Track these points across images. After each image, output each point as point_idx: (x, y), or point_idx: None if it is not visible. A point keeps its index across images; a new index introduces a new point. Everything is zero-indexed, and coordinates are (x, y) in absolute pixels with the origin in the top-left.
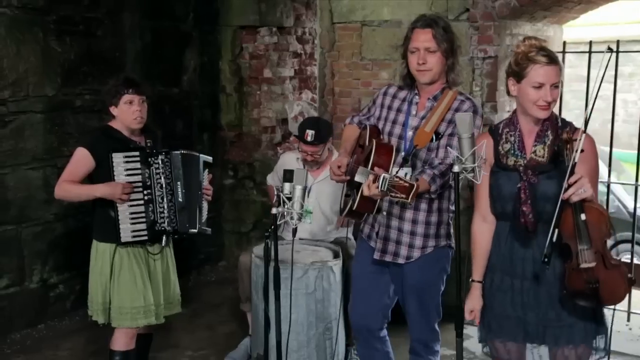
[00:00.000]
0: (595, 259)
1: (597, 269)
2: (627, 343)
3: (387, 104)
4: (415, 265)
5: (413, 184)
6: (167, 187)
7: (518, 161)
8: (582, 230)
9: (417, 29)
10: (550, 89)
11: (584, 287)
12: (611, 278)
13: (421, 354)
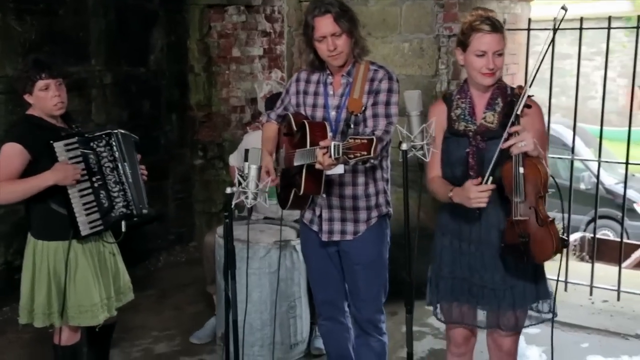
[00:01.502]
0: (528, 214)
1: (529, 224)
2: (589, 317)
3: (302, 90)
4: (363, 239)
5: (372, 138)
6: (115, 170)
7: (468, 126)
8: (519, 183)
9: (317, 17)
10: (493, 56)
11: (517, 240)
12: (541, 234)
13: (370, 334)
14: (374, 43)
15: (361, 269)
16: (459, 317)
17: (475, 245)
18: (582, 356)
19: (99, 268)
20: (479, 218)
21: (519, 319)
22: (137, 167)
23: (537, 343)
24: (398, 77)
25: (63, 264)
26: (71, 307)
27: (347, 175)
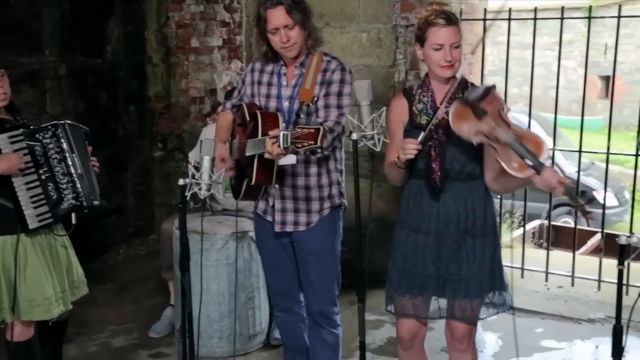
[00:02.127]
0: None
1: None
2: (544, 302)
3: (257, 80)
4: (316, 230)
5: (319, 127)
6: (63, 161)
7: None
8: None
9: (270, 9)
10: (451, 48)
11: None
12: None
13: (323, 326)
14: (333, 33)
15: (313, 260)
16: (411, 309)
17: (433, 237)
18: (536, 341)
19: (51, 262)
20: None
21: (474, 310)
22: (88, 159)
23: (493, 329)
24: (356, 67)
25: (12, 258)
26: (23, 302)
27: (299, 166)
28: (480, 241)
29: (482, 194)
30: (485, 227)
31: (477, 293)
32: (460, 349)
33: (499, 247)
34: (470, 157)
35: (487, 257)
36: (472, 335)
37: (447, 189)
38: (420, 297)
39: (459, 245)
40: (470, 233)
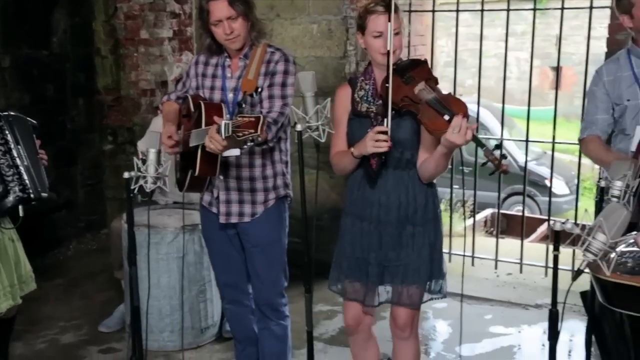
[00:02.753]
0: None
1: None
2: (494, 289)
3: (201, 72)
4: (261, 221)
5: (259, 116)
6: (8, 153)
7: (370, 107)
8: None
9: (212, 1)
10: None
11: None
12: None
13: (270, 317)
14: (283, 25)
15: (259, 251)
16: (356, 295)
17: (375, 225)
18: (485, 327)
19: None
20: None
21: (412, 296)
22: (35, 151)
23: (443, 317)
24: (307, 58)
25: None
26: None
27: (244, 157)
28: (421, 229)
29: (424, 183)
30: (426, 216)
31: (415, 280)
32: (402, 336)
33: (440, 235)
34: (409, 144)
35: (426, 245)
36: (414, 322)
37: (389, 177)
38: (364, 283)
39: (400, 233)
40: (411, 221)
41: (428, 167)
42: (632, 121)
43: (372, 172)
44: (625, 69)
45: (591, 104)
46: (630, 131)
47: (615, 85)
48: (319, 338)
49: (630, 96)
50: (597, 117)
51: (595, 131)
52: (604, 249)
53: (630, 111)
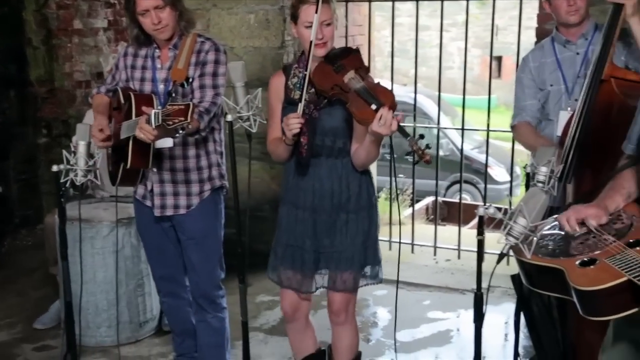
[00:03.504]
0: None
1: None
2: (432, 275)
3: (130, 64)
4: (197, 213)
5: (189, 104)
6: None
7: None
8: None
9: None
10: (322, 26)
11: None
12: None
13: (207, 310)
14: (220, 14)
15: (195, 243)
16: (293, 283)
17: (309, 213)
18: (423, 313)
19: None
20: (313, 187)
21: (346, 282)
22: None
23: (383, 304)
24: (245, 49)
25: None
26: None
27: (177, 149)
28: (354, 216)
29: (357, 171)
30: (360, 203)
31: (348, 266)
32: (338, 321)
33: (374, 223)
34: (341, 132)
35: (360, 232)
36: (349, 307)
37: (322, 165)
38: (300, 271)
39: (334, 220)
40: (345, 208)
41: (360, 156)
42: (555, 106)
43: (301, 160)
44: (549, 55)
45: (519, 91)
46: (554, 116)
47: (540, 71)
48: (260, 328)
49: (554, 81)
50: (525, 103)
51: (525, 117)
52: (524, 233)
53: (553, 96)
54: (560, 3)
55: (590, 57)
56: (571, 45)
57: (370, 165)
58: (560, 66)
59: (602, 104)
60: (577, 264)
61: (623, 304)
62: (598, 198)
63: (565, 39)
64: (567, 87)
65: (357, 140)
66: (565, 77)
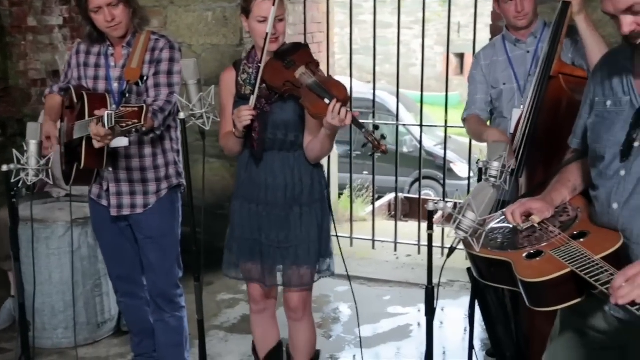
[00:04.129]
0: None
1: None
2: (393, 271)
3: (83, 62)
4: (154, 212)
5: (142, 105)
6: None
7: (254, 90)
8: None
9: None
10: (275, 21)
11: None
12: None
13: (165, 309)
14: (178, 12)
15: (152, 242)
16: (256, 274)
17: (263, 206)
18: (383, 308)
19: None
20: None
21: (304, 277)
22: None
23: (344, 300)
24: (203, 46)
25: None
26: None
27: (133, 147)
28: (308, 209)
29: (310, 164)
30: (313, 196)
31: (305, 260)
32: (295, 317)
33: (327, 215)
34: (293, 126)
35: (314, 225)
36: (306, 303)
37: (275, 159)
38: (259, 264)
39: (287, 214)
40: (298, 201)
41: (314, 149)
42: (508, 104)
43: (254, 153)
44: (500, 54)
45: (472, 86)
46: (508, 114)
47: (492, 69)
48: (221, 327)
49: (506, 80)
50: (476, 97)
51: (474, 110)
52: (473, 226)
53: (506, 94)
54: (508, 8)
55: (540, 55)
56: (521, 44)
57: (324, 157)
58: (511, 64)
59: (551, 99)
60: (524, 257)
61: (567, 295)
62: (545, 191)
63: (515, 37)
64: (519, 85)
65: (311, 133)
66: (517, 76)
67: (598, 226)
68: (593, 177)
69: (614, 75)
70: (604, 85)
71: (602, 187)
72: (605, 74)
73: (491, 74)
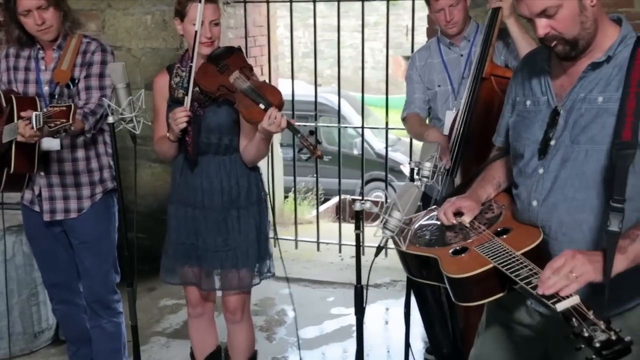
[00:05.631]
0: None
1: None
2: (337, 272)
3: (12, 65)
4: (88, 216)
5: (70, 105)
6: None
7: (186, 94)
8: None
9: None
10: (210, 25)
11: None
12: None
13: (101, 315)
14: (116, 15)
15: (88, 247)
16: (193, 278)
17: (199, 210)
18: (327, 309)
19: None
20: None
21: (243, 279)
22: None
23: (288, 302)
24: (143, 50)
25: None
26: None
27: (65, 151)
28: (246, 212)
29: (247, 167)
30: (250, 199)
31: (244, 263)
32: (233, 320)
33: (264, 217)
34: (227, 129)
35: (252, 228)
36: (244, 306)
37: (210, 163)
38: (197, 268)
39: (225, 217)
40: (235, 204)
41: (250, 153)
42: (443, 106)
43: (189, 158)
44: (435, 56)
45: (410, 86)
46: (442, 116)
47: (427, 70)
48: (162, 332)
49: (441, 82)
50: (415, 96)
51: (413, 109)
52: (399, 225)
53: (440, 96)
54: (438, 16)
55: (474, 58)
56: (455, 47)
57: (261, 160)
58: (446, 67)
59: (483, 100)
60: (450, 253)
61: (490, 290)
62: (471, 189)
63: (449, 41)
64: (454, 87)
65: (246, 137)
66: (451, 78)
67: (520, 223)
68: (514, 175)
69: (533, 76)
70: (524, 86)
71: (522, 185)
72: (525, 75)
73: (426, 76)
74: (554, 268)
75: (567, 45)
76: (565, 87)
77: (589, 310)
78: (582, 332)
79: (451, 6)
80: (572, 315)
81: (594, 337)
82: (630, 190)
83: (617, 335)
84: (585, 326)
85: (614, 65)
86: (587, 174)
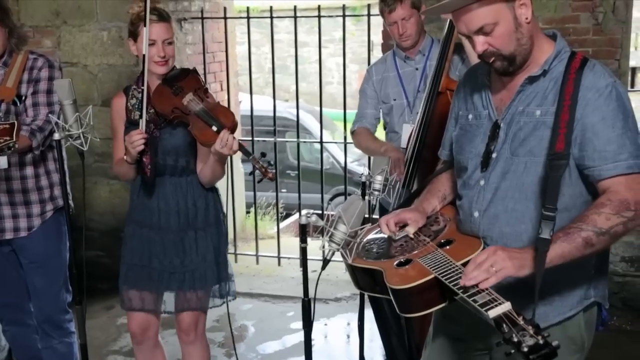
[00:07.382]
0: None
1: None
2: (298, 287)
3: None
4: (38, 235)
5: (14, 122)
6: None
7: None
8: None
9: None
10: (164, 45)
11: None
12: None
13: (52, 335)
14: (72, 32)
15: (37, 267)
16: (139, 303)
17: (156, 231)
18: (287, 324)
19: None
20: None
21: (199, 300)
22: None
23: (247, 318)
24: (100, 66)
25: None
26: None
27: (13, 169)
28: (203, 233)
29: (204, 188)
30: (208, 220)
31: (202, 284)
32: (187, 340)
33: (223, 239)
34: (183, 151)
35: (210, 249)
36: (199, 326)
37: (166, 184)
38: (147, 291)
39: (181, 238)
40: (193, 226)
41: (206, 174)
42: (399, 119)
43: (146, 179)
44: (391, 70)
45: (363, 100)
46: (399, 129)
47: (383, 84)
48: (120, 351)
49: (396, 96)
50: (366, 111)
51: (364, 124)
52: (345, 238)
53: (396, 110)
54: (392, 29)
55: (429, 72)
56: (410, 61)
57: (218, 181)
58: (401, 81)
59: (439, 114)
60: (394, 265)
61: (432, 300)
62: (417, 200)
63: (405, 55)
64: (409, 101)
65: (202, 159)
66: (406, 92)
67: (463, 234)
68: (459, 188)
69: (474, 91)
70: (466, 100)
71: (465, 197)
72: (468, 90)
73: (382, 90)
74: (477, 263)
75: (505, 61)
76: (505, 101)
77: (519, 316)
78: (511, 337)
79: (404, 19)
80: (503, 321)
81: (523, 342)
82: (568, 200)
83: (544, 339)
84: (515, 332)
85: (550, 79)
86: (526, 186)
